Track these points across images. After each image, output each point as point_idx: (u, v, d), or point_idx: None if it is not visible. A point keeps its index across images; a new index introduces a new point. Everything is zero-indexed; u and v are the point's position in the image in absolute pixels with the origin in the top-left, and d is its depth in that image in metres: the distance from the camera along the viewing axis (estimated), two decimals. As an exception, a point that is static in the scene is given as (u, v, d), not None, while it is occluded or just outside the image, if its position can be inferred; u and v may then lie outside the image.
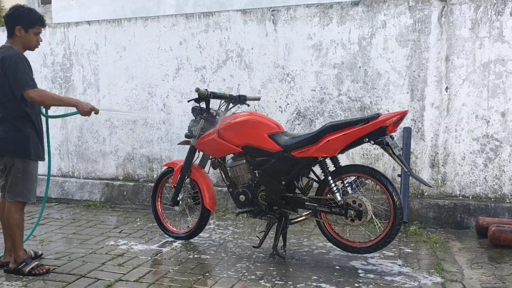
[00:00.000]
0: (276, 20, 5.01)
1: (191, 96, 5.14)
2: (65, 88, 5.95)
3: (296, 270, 3.26)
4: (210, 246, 3.83)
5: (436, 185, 4.60)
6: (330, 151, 3.24)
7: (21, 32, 3.21)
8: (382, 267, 3.32)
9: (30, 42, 3.27)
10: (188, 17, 5.37)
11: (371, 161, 4.75)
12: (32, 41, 3.27)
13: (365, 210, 3.18)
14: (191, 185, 3.94)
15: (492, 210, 4.35)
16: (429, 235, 4.11)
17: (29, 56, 6.07)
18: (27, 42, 3.27)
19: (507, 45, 4.34)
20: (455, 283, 3.03)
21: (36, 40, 3.30)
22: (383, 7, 4.66)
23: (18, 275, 3.20)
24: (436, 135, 4.58)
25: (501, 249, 3.73)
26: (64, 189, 5.92)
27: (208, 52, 5.29)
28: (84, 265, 3.40)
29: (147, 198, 5.40)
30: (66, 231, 4.37)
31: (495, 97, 4.40)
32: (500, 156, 4.41)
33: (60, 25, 5.97)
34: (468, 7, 4.43)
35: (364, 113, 4.70)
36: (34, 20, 3.23)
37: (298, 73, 4.95)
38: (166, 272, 3.26)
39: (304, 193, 3.45)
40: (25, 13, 3.22)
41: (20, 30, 3.20)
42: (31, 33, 3.24)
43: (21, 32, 3.21)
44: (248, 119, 3.56)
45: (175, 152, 5.45)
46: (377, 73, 4.70)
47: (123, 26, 5.65)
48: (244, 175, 3.59)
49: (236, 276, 3.15)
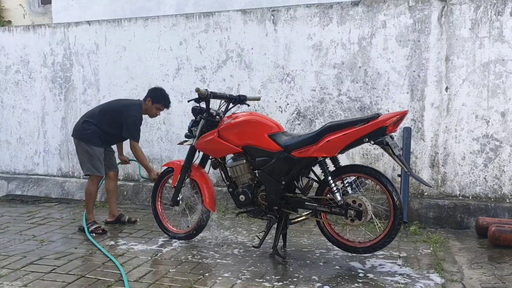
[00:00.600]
0: (276, 20, 5.01)
1: (191, 96, 5.14)
2: (65, 88, 5.96)
3: (296, 270, 3.26)
4: (210, 246, 3.83)
5: (436, 185, 4.60)
6: (330, 151, 3.24)
7: (149, 103, 4.32)
8: (382, 267, 3.32)
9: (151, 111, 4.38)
10: (188, 17, 5.37)
11: (371, 161, 4.75)
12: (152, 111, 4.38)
13: (365, 210, 3.18)
14: (191, 185, 3.94)
15: (492, 210, 4.35)
16: (429, 235, 4.11)
17: (29, 56, 6.10)
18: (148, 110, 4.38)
19: (507, 45, 4.34)
20: (455, 283, 3.03)
21: (155, 113, 4.40)
22: (383, 7, 4.66)
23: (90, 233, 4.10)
24: (436, 135, 4.58)
25: (501, 249, 3.73)
26: (64, 189, 5.92)
27: (208, 52, 5.29)
28: (84, 265, 3.40)
29: (147, 198, 5.41)
30: (66, 231, 4.37)
31: (495, 97, 4.40)
32: (500, 156, 4.41)
33: (60, 25, 5.97)
34: (468, 7, 4.43)
35: (364, 113, 4.70)
36: (160, 99, 4.33)
37: (298, 73, 4.96)
38: (166, 272, 3.26)
39: (304, 193, 3.45)
40: (157, 92, 4.35)
41: (149, 101, 4.32)
42: (154, 107, 4.34)
43: (149, 103, 4.32)
44: (248, 119, 3.56)
45: (175, 152, 5.45)
46: (377, 73, 4.70)
47: (123, 26, 5.65)
48: (244, 175, 3.59)
49: (236, 276, 3.15)
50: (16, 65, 6.19)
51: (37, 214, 5.04)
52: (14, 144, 6.27)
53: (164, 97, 4.32)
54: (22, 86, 6.18)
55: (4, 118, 6.30)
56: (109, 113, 4.28)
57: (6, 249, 3.79)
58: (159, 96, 4.31)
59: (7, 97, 6.26)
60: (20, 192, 6.11)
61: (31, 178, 6.17)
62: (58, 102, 6.01)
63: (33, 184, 6.11)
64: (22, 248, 3.80)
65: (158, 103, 4.30)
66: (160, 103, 4.31)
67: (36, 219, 4.84)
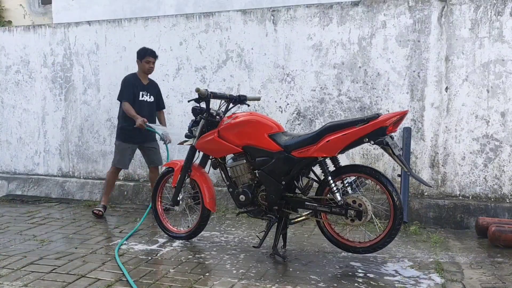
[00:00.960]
0: (276, 20, 5.02)
1: (191, 96, 5.15)
2: (65, 88, 5.96)
3: (296, 270, 3.26)
4: (210, 246, 3.84)
5: (436, 185, 4.60)
6: (330, 151, 3.24)
7: (138, 63, 4.85)
8: (382, 267, 3.33)
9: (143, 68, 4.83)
10: (188, 17, 5.37)
11: (371, 161, 4.76)
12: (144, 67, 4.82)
13: (365, 210, 3.19)
14: (191, 185, 3.94)
15: (492, 210, 4.36)
16: (429, 235, 4.11)
17: (30, 56, 6.10)
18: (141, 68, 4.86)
19: (507, 45, 4.35)
20: (455, 283, 3.03)
21: (147, 68, 4.81)
22: (383, 7, 4.66)
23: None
24: (436, 135, 4.58)
25: (501, 249, 3.73)
26: (65, 189, 5.93)
27: (208, 52, 5.30)
28: (84, 265, 3.40)
29: (147, 198, 5.41)
30: (66, 231, 4.38)
31: (495, 97, 4.40)
32: (500, 156, 4.42)
33: (61, 25, 5.98)
34: (468, 7, 4.44)
35: (364, 113, 4.70)
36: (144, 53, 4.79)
37: (298, 73, 4.96)
38: (166, 272, 3.26)
39: (304, 193, 3.45)
40: (139, 50, 4.84)
41: (137, 62, 4.84)
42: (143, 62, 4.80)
43: (138, 63, 4.85)
44: (248, 119, 3.56)
45: (175, 152, 5.46)
46: (377, 73, 4.70)
47: (123, 26, 5.65)
48: (244, 175, 3.59)
49: (236, 276, 3.15)
50: (16, 65, 6.19)
51: (37, 214, 5.04)
52: (14, 144, 6.28)
53: (145, 50, 4.78)
54: (22, 86, 6.18)
55: (5, 118, 6.30)
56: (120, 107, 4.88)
57: (7, 249, 3.79)
58: (141, 51, 4.79)
59: (7, 97, 6.27)
60: (21, 192, 6.12)
61: (32, 178, 6.17)
62: (58, 102, 6.01)
63: (33, 184, 6.11)
64: (23, 248, 3.80)
65: (143, 58, 4.76)
66: (145, 57, 4.75)
67: (37, 219, 4.84)
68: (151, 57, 4.77)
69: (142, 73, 4.85)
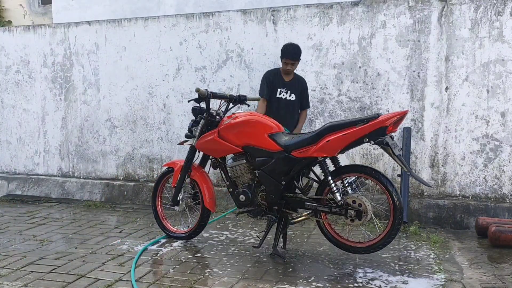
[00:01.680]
0: (276, 20, 5.02)
1: (191, 96, 5.15)
2: (65, 88, 5.96)
3: (296, 270, 3.26)
4: (210, 246, 3.84)
5: (436, 185, 4.60)
6: (330, 151, 3.24)
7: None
8: (382, 267, 3.33)
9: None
10: (188, 17, 5.37)
11: (371, 161, 4.76)
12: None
13: (365, 210, 3.19)
14: (191, 185, 3.94)
15: (492, 210, 4.36)
16: (429, 235, 4.11)
17: (30, 56, 6.10)
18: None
19: (507, 45, 4.35)
20: (455, 283, 3.03)
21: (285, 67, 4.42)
22: (383, 7, 4.66)
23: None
24: (436, 135, 4.58)
25: (501, 249, 3.73)
26: (65, 189, 5.93)
27: (208, 52, 5.30)
28: (84, 265, 3.40)
29: (147, 198, 5.41)
30: (66, 231, 4.38)
31: (495, 97, 4.41)
32: (500, 156, 4.42)
33: (61, 25, 5.98)
34: (468, 7, 4.44)
35: (364, 113, 4.70)
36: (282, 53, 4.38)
37: (298, 73, 4.95)
38: (166, 272, 3.26)
39: (304, 193, 3.45)
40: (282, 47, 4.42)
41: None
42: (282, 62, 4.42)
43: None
44: (248, 119, 3.56)
45: (175, 152, 5.46)
46: (377, 73, 4.70)
47: (123, 26, 5.65)
48: (244, 175, 3.59)
49: (236, 276, 3.15)
50: (16, 65, 6.19)
51: (37, 214, 5.04)
52: (14, 144, 6.28)
53: (283, 50, 4.37)
54: (22, 86, 6.18)
55: (4, 118, 6.30)
56: None
57: (6, 249, 3.79)
58: (281, 50, 4.39)
59: (7, 97, 6.27)
60: (20, 192, 6.12)
61: (31, 178, 6.17)
62: (58, 102, 6.01)
63: (33, 184, 6.11)
64: (22, 248, 3.80)
65: (281, 58, 4.41)
66: (282, 58, 4.39)
67: (36, 219, 4.84)
68: (288, 59, 4.34)
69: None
